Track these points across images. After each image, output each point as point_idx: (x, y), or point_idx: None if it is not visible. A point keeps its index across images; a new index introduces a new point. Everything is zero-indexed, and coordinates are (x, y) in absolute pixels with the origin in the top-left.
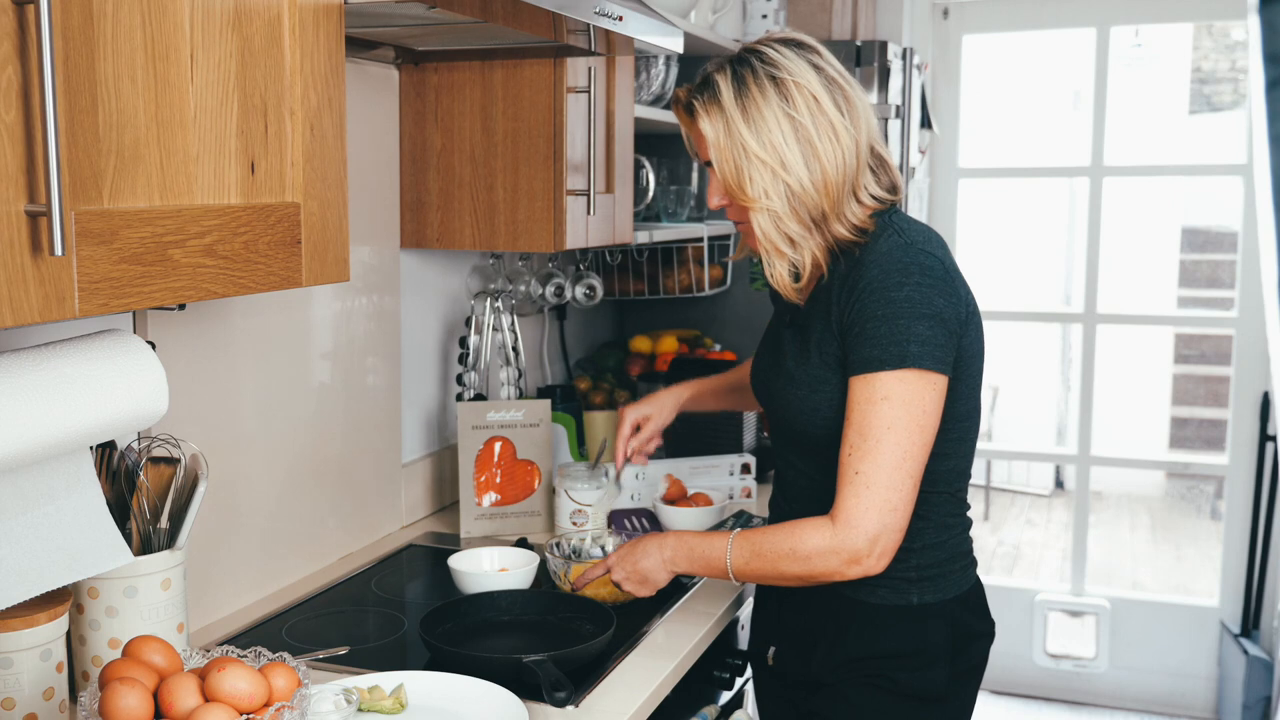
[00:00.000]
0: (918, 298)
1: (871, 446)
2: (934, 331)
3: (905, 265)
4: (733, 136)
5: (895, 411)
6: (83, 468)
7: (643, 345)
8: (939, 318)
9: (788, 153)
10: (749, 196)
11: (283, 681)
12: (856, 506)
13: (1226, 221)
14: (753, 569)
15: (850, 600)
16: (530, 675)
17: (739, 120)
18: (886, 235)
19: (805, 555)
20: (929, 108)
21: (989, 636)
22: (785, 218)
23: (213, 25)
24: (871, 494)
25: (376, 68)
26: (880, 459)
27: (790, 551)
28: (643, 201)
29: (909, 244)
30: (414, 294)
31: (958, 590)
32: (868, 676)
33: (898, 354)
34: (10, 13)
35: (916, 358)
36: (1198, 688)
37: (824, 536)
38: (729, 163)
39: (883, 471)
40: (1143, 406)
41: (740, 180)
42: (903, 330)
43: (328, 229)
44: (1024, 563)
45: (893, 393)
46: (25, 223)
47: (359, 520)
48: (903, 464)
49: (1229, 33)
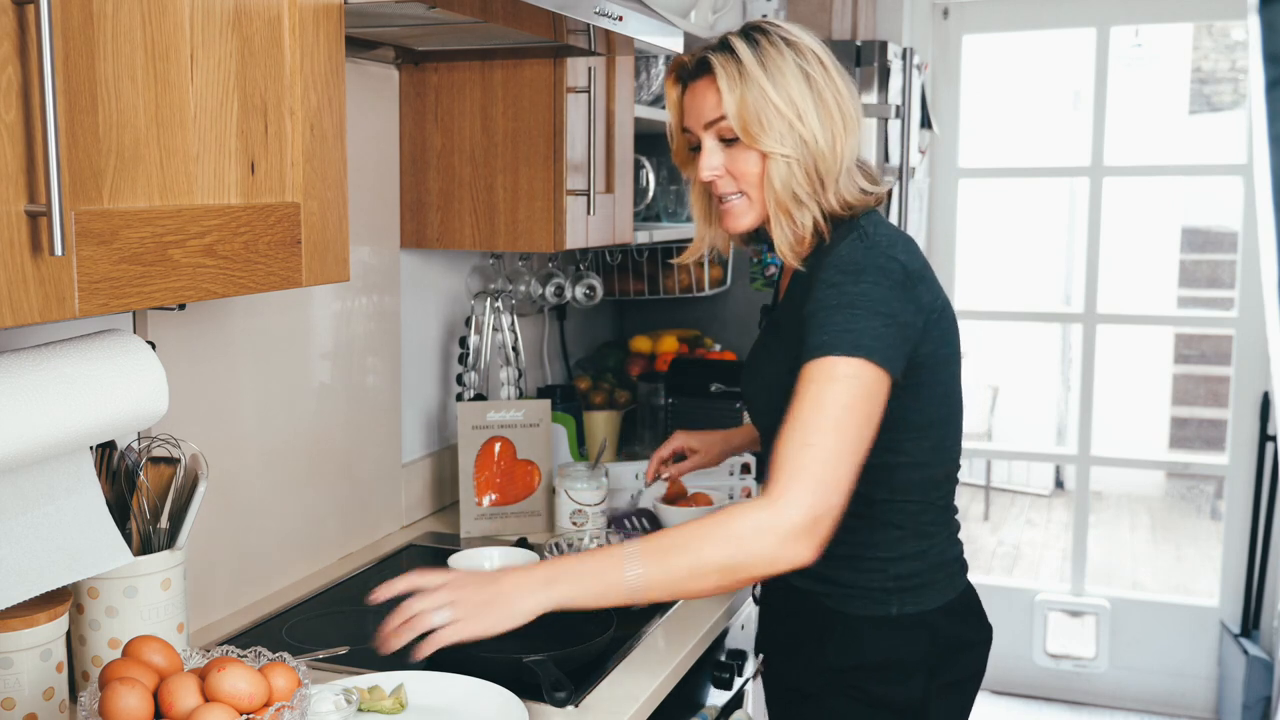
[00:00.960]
0: (874, 294)
1: (828, 423)
2: (886, 330)
3: (861, 264)
4: (751, 86)
5: (854, 393)
6: (83, 468)
7: (643, 345)
8: (893, 319)
9: (804, 106)
10: (768, 144)
11: (283, 681)
12: (801, 480)
13: (1226, 221)
14: (666, 566)
15: (830, 610)
16: (530, 675)
17: (758, 71)
18: (851, 237)
19: (737, 534)
20: (929, 108)
21: (983, 644)
22: (798, 171)
23: (213, 25)
24: (824, 469)
25: (376, 68)
26: (838, 436)
27: (717, 532)
28: (643, 201)
29: (871, 245)
30: (414, 294)
31: (942, 600)
32: (847, 688)
33: (851, 341)
34: (10, 13)
35: (870, 350)
36: (1198, 688)
37: (758, 513)
38: (749, 111)
39: (835, 451)
40: (1143, 406)
41: (760, 128)
42: (856, 321)
43: (328, 229)
44: (1024, 563)
45: (844, 376)
46: (25, 223)
47: (359, 520)
48: (856, 450)
49: (1229, 33)
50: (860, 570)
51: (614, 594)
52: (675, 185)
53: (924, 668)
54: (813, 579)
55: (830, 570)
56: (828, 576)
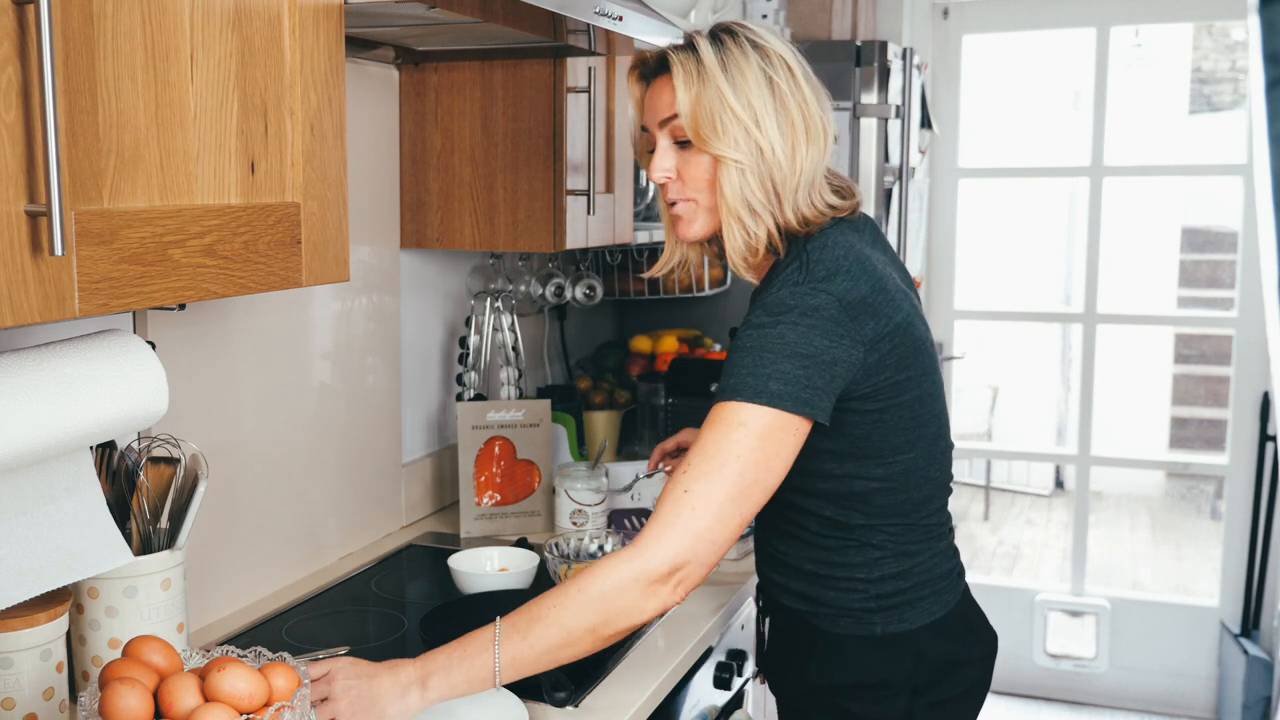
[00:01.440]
0: (791, 336)
1: (711, 469)
2: (802, 373)
3: (786, 305)
4: (708, 86)
5: (750, 442)
6: (83, 468)
7: (643, 345)
8: (813, 359)
9: (763, 112)
10: (720, 148)
11: (283, 681)
12: (672, 525)
13: (1226, 221)
14: (532, 641)
15: (815, 629)
16: (530, 675)
17: (718, 72)
18: (789, 270)
19: (600, 594)
20: (929, 108)
21: (976, 662)
22: (751, 180)
23: (213, 25)
24: (694, 517)
25: (376, 68)
26: (718, 485)
27: (578, 595)
28: (643, 201)
29: (804, 279)
30: (414, 294)
31: (929, 618)
32: (829, 708)
33: (755, 387)
34: (10, 13)
35: (776, 396)
36: (1198, 688)
37: (620, 569)
38: (703, 111)
39: (715, 500)
40: (1143, 406)
41: (713, 130)
42: (766, 365)
43: (328, 229)
44: (1024, 563)
45: (751, 422)
46: (25, 223)
47: (359, 520)
48: (740, 500)
49: (1229, 33)
50: (841, 590)
51: (487, 681)
52: None
53: (907, 688)
54: (797, 597)
55: (813, 589)
56: (811, 595)
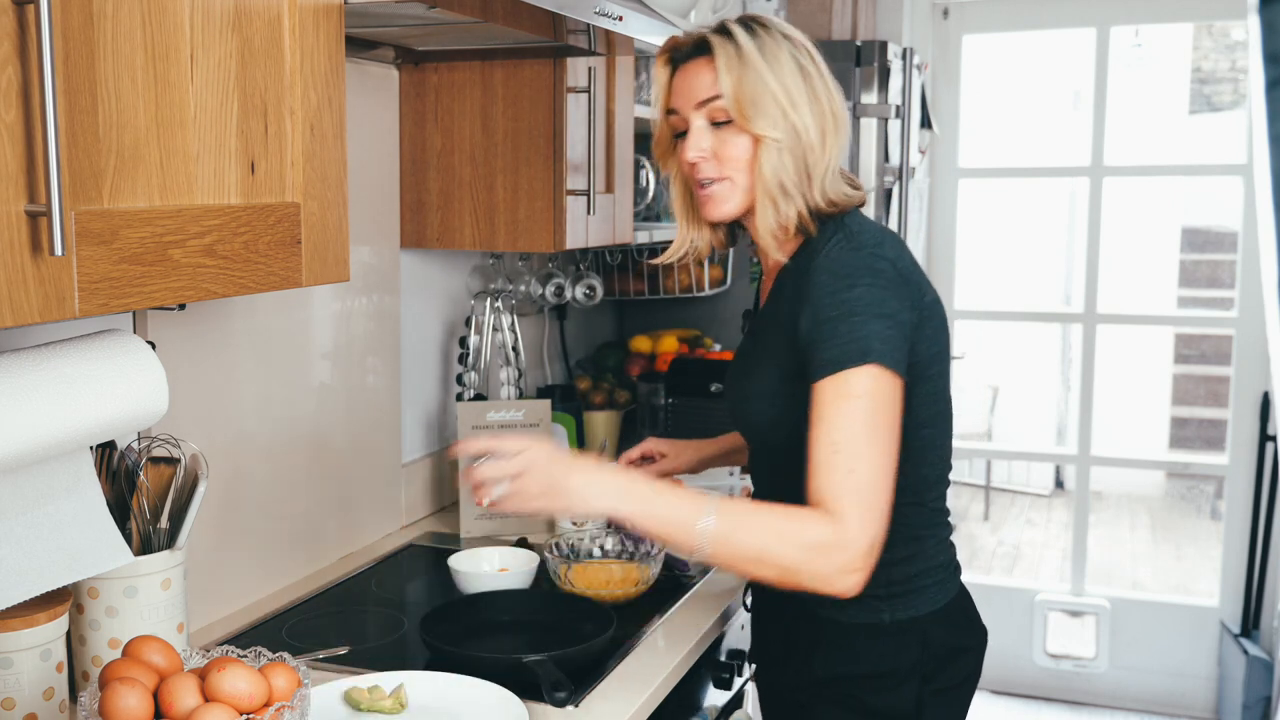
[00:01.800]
0: (870, 298)
1: (861, 448)
2: (891, 332)
3: (854, 267)
4: (749, 68)
5: (874, 408)
6: (83, 468)
7: (643, 345)
8: (893, 319)
9: (798, 96)
10: (762, 127)
11: (283, 681)
12: (861, 508)
13: (1226, 221)
14: (735, 537)
15: (821, 619)
16: (530, 675)
17: (756, 56)
18: (836, 239)
19: (807, 543)
20: (929, 108)
21: (976, 650)
22: (787, 160)
23: (213, 25)
24: (871, 497)
25: (376, 68)
26: (873, 460)
27: (791, 531)
28: (643, 201)
29: (858, 246)
30: (414, 294)
31: (933, 605)
32: (839, 696)
33: (859, 350)
34: (10, 13)
35: (879, 354)
36: (1198, 688)
37: (828, 529)
38: (746, 92)
39: (877, 475)
40: (1143, 406)
41: (756, 110)
42: (859, 328)
43: (328, 229)
44: (1024, 563)
45: (864, 391)
46: (25, 223)
47: (359, 520)
48: (888, 469)
49: (1229, 33)
50: None
51: (676, 535)
52: None
53: (917, 675)
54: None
55: None
56: None
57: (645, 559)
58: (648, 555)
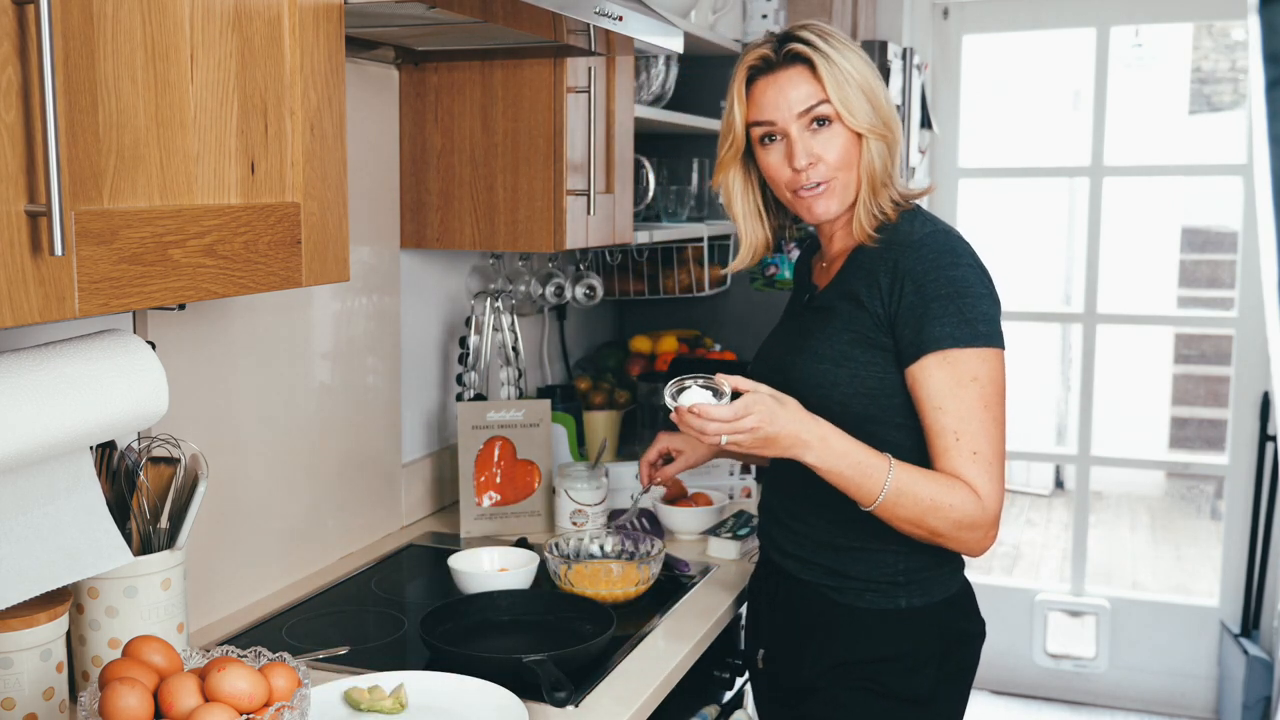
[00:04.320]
0: (973, 278)
1: (981, 428)
2: (995, 313)
3: (955, 248)
4: (841, 70)
5: (987, 391)
6: (83, 468)
7: (643, 345)
8: (993, 298)
9: (879, 89)
10: (864, 124)
11: (283, 681)
12: (992, 483)
13: (1226, 221)
14: (903, 504)
15: (839, 605)
16: (530, 675)
17: (840, 58)
18: (920, 223)
19: (958, 519)
20: (929, 108)
21: (980, 637)
22: (884, 150)
23: (213, 25)
24: (995, 473)
25: (376, 68)
26: (991, 442)
27: (946, 506)
28: (643, 201)
29: (946, 231)
30: (414, 294)
31: (945, 593)
32: (858, 680)
33: (970, 332)
34: (10, 13)
35: (987, 336)
36: (1198, 688)
37: (975, 509)
38: (846, 94)
39: (997, 452)
40: (1143, 406)
41: (860, 109)
42: (970, 308)
43: (328, 229)
44: (1024, 563)
45: (980, 372)
46: (25, 223)
47: (359, 520)
48: (1003, 440)
49: (1229, 33)
50: (872, 563)
51: (857, 485)
52: (675, 185)
53: (933, 659)
54: (823, 572)
55: (840, 563)
56: (838, 570)
57: (645, 559)
58: (647, 555)
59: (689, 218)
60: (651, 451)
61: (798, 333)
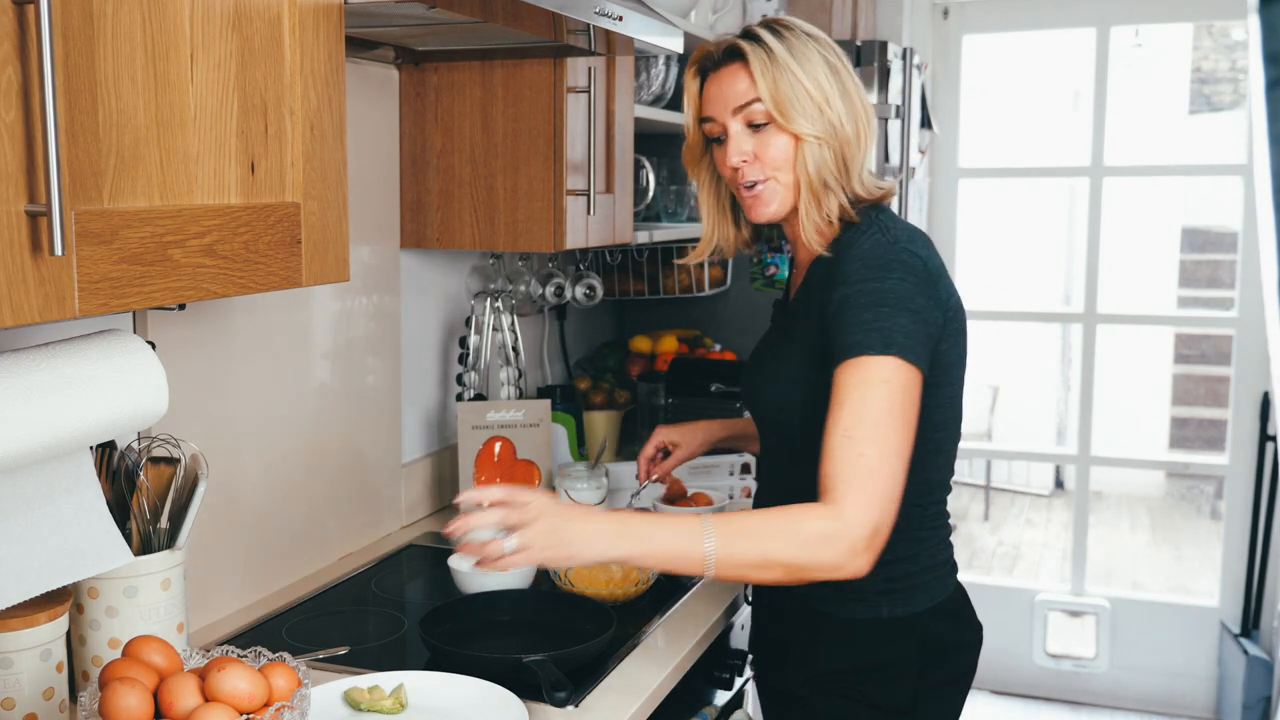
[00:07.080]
0: (900, 291)
1: (873, 432)
2: (915, 327)
3: (887, 260)
4: (783, 69)
5: (893, 397)
6: (83, 468)
7: (643, 345)
8: (919, 316)
9: (831, 93)
10: (801, 126)
11: (283, 681)
12: (862, 493)
13: (1226, 221)
14: (736, 549)
15: (821, 613)
16: (530, 675)
17: (788, 57)
18: (871, 232)
19: (805, 538)
20: (929, 108)
21: (974, 645)
22: (827, 155)
23: (213, 25)
24: (876, 482)
25: (376, 68)
26: (885, 446)
27: (787, 531)
28: (643, 201)
29: (892, 241)
30: (414, 294)
31: (930, 601)
32: (837, 690)
33: (883, 340)
34: (10, 13)
35: (902, 348)
36: (1198, 688)
37: (825, 521)
38: (783, 93)
39: (887, 460)
40: (1143, 406)
41: (794, 110)
42: (886, 318)
43: (328, 229)
44: (1024, 563)
45: (888, 378)
46: (25, 223)
47: (359, 520)
48: (901, 455)
49: (1229, 33)
50: None
51: (682, 565)
52: (675, 185)
53: (914, 669)
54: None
55: None
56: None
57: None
58: None
59: (689, 218)
60: (649, 446)
61: (770, 351)
